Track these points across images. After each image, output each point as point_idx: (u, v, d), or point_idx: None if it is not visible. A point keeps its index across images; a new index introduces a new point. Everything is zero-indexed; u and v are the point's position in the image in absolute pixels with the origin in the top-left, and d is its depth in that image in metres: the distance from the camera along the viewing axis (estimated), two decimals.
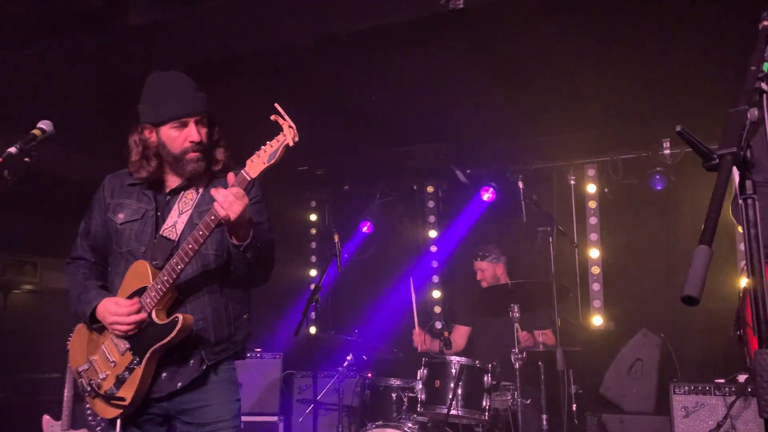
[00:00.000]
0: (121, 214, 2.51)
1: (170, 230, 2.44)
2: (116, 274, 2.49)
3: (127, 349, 2.37)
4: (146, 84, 2.48)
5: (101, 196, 2.60)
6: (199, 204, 2.47)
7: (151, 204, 2.50)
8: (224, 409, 2.42)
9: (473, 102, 4.98)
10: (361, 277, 6.52)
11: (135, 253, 2.45)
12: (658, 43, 4.07)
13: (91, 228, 2.59)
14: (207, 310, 2.42)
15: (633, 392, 5.04)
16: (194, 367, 2.39)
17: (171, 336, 2.29)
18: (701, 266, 1.04)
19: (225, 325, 2.46)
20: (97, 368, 2.44)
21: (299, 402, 5.66)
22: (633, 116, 5.20)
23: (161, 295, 2.32)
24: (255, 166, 2.24)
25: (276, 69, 4.29)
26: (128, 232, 2.48)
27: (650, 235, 5.66)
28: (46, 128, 2.38)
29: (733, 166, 1.18)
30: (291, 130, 2.22)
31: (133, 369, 2.34)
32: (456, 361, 4.18)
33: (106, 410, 2.41)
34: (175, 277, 2.31)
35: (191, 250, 2.28)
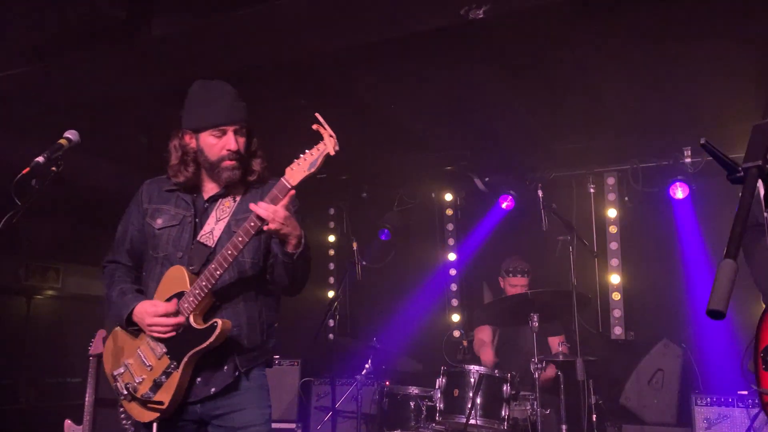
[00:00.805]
0: (160, 219, 2.53)
1: (207, 237, 2.46)
2: (151, 279, 2.51)
3: (164, 354, 2.38)
4: (190, 91, 2.52)
5: (139, 200, 2.62)
6: (236, 212, 2.49)
7: (190, 210, 2.52)
8: (256, 414, 2.44)
9: (492, 110, 4.98)
10: (380, 284, 6.52)
11: (172, 258, 2.47)
12: (679, 52, 4.04)
13: (128, 232, 2.61)
14: (242, 317, 2.45)
15: (654, 403, 4.98)
16: (228, 373, 2.42)
17: (210, 341, 2.30)
18: (727, 280, 1.03)
19: (258, 332, 2.49)
20: (132, 372, 2.45)
21: (317, 409, 5.67)
22: (654, 125, 5.16)
23: (199, 300, 2.34)
24: (295, 174, 2.27)
25: (298, 78, 4.32)
26: (166, 237, 2.50)
27: (670, 244, 5.60)
28: (73, 138, 2.43)
29: (759, 179, 1.17)
30: (332, 140, 2.24)
31: (171, 373, 2.36)
32: (475, 370, 4.17)
33: (142, 414, 2.43)
34: (213, 282, 2.33)
35: (230, 256, 2.30)
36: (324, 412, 5.41)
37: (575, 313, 4.25)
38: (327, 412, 5.24)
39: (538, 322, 4.16)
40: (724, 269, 1.05)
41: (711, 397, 4.36)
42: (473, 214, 6.48)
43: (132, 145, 5.22)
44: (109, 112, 4.49)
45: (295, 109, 4.65)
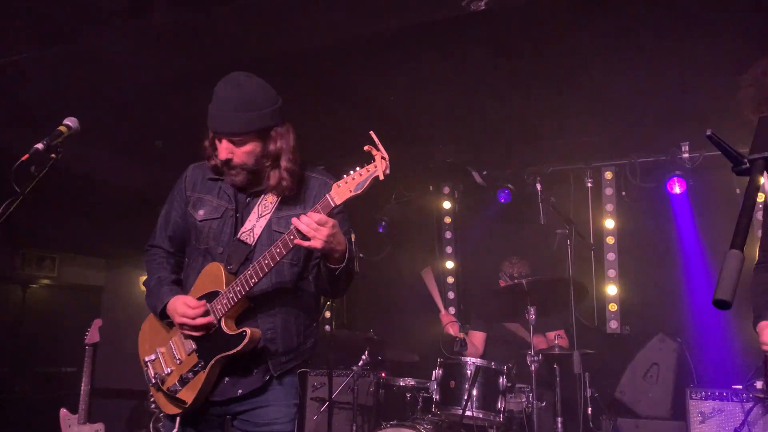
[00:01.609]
0: (202, 211, 2.48)
1: (248, 234, 2.41)
2: (192, 269, 2.48)
3: (194, 351, 2.37)
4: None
5: (182, 187, 2.57)
6: (278, 209, 2.43)
7: (231, 203, 2.47)
8: (282, 411, 2.41)
9: (491, 103, 4.97)
10: (377, 276, 6.52)
11: (212, 252, 2.44)
12: (678, 46, 4.05)
13: (171, 218, 2.57)
14: (277, 321, 2.40)
15: (649, 397, 5.01)
16: (257, 377, 2.39)
17: (237, 349, 2.28)
18: (733, 270, 1.04)
19: (294, 335, 2.44)
20: (163, 362, 2.45)
21: (313, 400, 5.67)
22: (652, 119, 5.17)
23: (233, 304, 2.31)
24: (341, 192, 2.18)
25: (295, 71, 4.30)
26: (207, 229, 2.46)
27: (667, 239, 5.62)
28: (72, 125, 2.42)
29: (765, 170, 1.18)
30: (383, 162, 2.15)
31: (197, 372, 2.35)
32: (471, 362, 4.19)
33: (167, 406, 2.44)
34: (248, 289, 2.28)
35: (267, 266, 2.24)
36: (320, 404, 5.42)
37: (572, 305, 4.26)
38: (323, 404, 5.25)
39: (535, 315, 4.17)
40: (730, 260, 1.05)
41: (705, 391, 4.39)
42: (471, 208, 6.49)
43: (130, 135, 5.20)
44: (110, 101, 4.47)
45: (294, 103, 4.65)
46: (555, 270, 5.15)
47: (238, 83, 2.35)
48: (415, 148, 5.95)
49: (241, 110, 2.31)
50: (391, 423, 4.13)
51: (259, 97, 2.35)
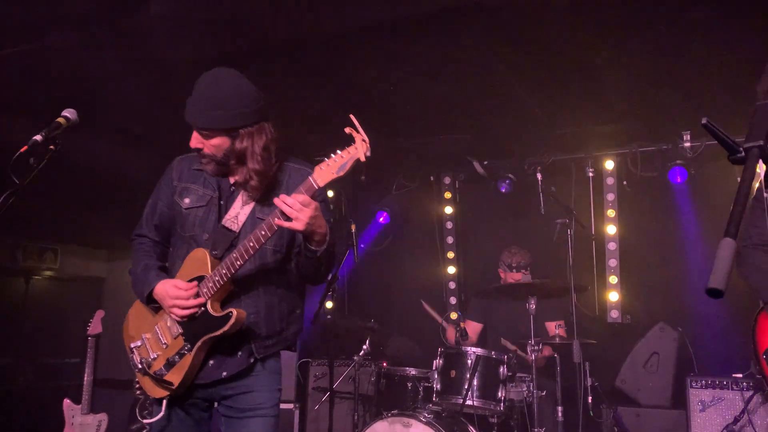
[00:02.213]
0: (187, 199, 2.53)
1: (232, 221, 2.46)
2: (178, 257, 2.53)
3: (180, 334, 2.42)
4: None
5: (169, 177, 2.62)
6: (262, 198, 2.47)
7: (216, 191, 2.52)
8: (265, 396, 2.45)
9: (492, 93, 4.96)
10: (378, 267, 6.54)
11: (198, 239, 2.48)
12: (679, 35, 4.02)
13: (158, 208, 2.62)
14: (261, 305, 2.45)
15: (649, 386, 5.02)
16: (242, 359, 2.43)
17: (223, 329, 2.32)
18: (726, 258, 1.04)
19: (277, 320, 2.49)
20: (149, 347, 2.50)
21: (315, 390, 5.70)
22: (653, 109, 5.15)
23: (218, 287, 2.35)
24: (324, 174, 2.22)
25: (296, 59, 4.29)
26: (192, 217, 2.51)
27: (669, 228, 5.62)
28: (71, 116, 2.42)
29: (760, 159, 1.17)
30: (364, 144, 2.19)
31: (184, 354, 2.39)
32: (472, 351, 4.20)
33: (154, 389, 2.47)
34: (233, 271, 2.33)
35: (252, 249, 2.29)
36: (322, 393, 5.45)
37: (573, 297, 4.27)
38: (324, 393, 5.28)
39: (535, 305, 4.18)
40: (723, 248, 1.05)
41: (706, 379, 4.39)
42: (472, 198, 6.49)
43: (133, 125, 5.20)
44: (108, 92, 4.46)
45: (290, 92, 4.64)
46: (556, 260, 5.16)
47: (216, 79, 2.40)
48: (415, 138, 5.94)
49: (210, 107, 2.36)
50: (392, 412, 4.15)
51: (232, 97, 2.37)
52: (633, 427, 4.79)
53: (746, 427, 4.12)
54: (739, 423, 4.13)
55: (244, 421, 2.43)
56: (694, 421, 4.34)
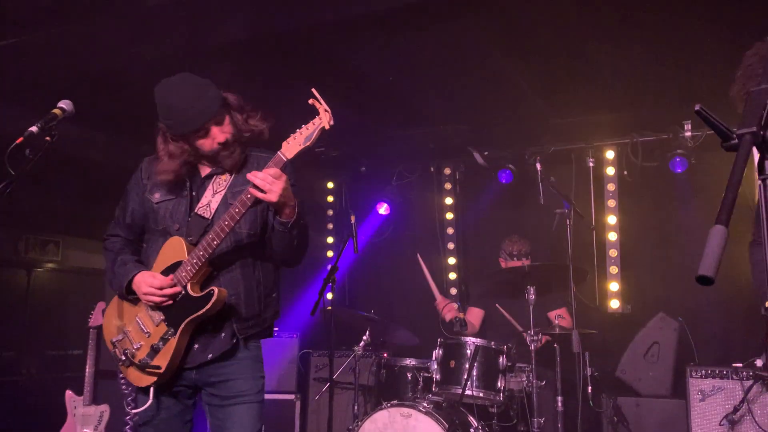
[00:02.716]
0: (157, 194, 2.58)
1: (204, 209, 2.52)
2: (153, 251, 2.57)
3: (162, 321, 2.45)
4: (156, 98, 2.47)
5: (139, 176, 2.68)
6: (232, 185, 2.54)
7: (186, 184, 2.57)
8: (249, 384, 2.51)
9: (492, 83, 4.94)
10: (378, 258, 6.54)
11: (170, 230, 2.53)
12: (680, 24, 4.00)
13: (129, 207, 2.67)
14: (239, 286, 2.50)
15: (649, 375, 5.02)
16: (225, 339, 2.48)
17: (206, 308, 2.36)
18: (717, 246, 1.03)
19: (255, 302, 2.54)
20: (131, 338, 2.53)
21: (315, 381, 5.73)
22: (654, 98, 5.12)
23: (196, 269, 2.40)
24: (291, 147, 2.34)
25: (295, 49, 4.28)
26: (163, 210, 2.56)
27: (669, 218, 5.61)
28: (67, 108, 2.42)
29: (753, 146, 1.17)
30: (327, 114, 2.31)
31: (168, 339, 2.43)
32: (471, 341, 4.20)
33: (140, 378, 2.49)
34: (210, 252, 2.38)
35: (227, 227, 2.36)
36: (322, 384, 5.46)
37: (572, 286, 4.27)
38: (325, 384, 5.29)
39: (535, 294, 4.18)
40: (714, 235, 1.05)
41: (705, 369, 4.39)
42: (472, 188, 6.48)
43: (131, 118, 5.18)
44: (106, 83, 4.45)
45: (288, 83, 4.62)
46: (555, 250, 5.15)
47: (179, 79, 2.47)
48: (415, 128, 5.93)
49: (202, 92, 2.44)
50: (392, 403, 4.16)
51: (196, 80, 2.48)
52: (633, 417, 4.79)
53: (746, 416, 4.12)
54: (738, 412, 4.14)
55: (228, 408, 2.47)
56: (694, 411, 4.34)
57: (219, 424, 2.49)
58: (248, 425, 2.47)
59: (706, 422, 4.28)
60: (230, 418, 2.46)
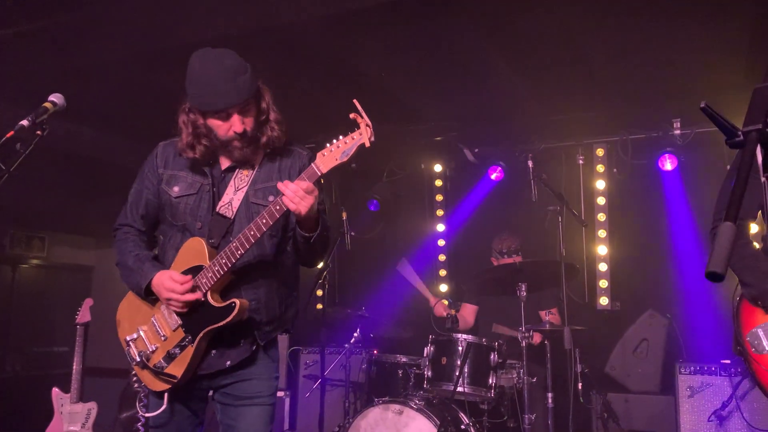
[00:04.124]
0: (176, 187, 2.46)
1: (226, 207, 2.41)
2: (170, 246, 2.46)
3: (179, 326, 2.37)
4: (189, 64, 2.35)
5: (154, 164, 2.53)
6: (254, 181, 2.44)
7: (207, 179, 2.45)
8: (264, 385, 2.43)
9: (483, 80, 4.94)
10: (369, 254, 6.52)
11: (191, 228, 2.42)
12: (670, 22, 4.01)
13: (143, 196, 2.54)
14: (260, 292, 2.41)
15: (638, 372, 5.06)
16: (245, 347, 2.40)
17: (227, 320, 2.28)
18: (726, 242, 1.03)
19: (276, 306, 2.46)
20: (146, 339, 2.44)
21: (306, 378, 5.71)
22: (643, 96, 5.15)
23: (218, 277, 2.30)
24: (326, 161, 2.20)
25: (286, 44, 4.25)
26: (183, 206, 2.44)
27: (659, 215, 5.64)
28: (58, 101, 2.38)
29: (759, 143, 1.16)
30: (368, 129, 2.18)
31: (185, 347, 2.35)
32: (462, 338, 4.21)
33: (154, 383, 2.42)
34: (234, 261, 2.28)
35: (253, 237, 2.25)
36: (313, 381, 5.45)
37: (563, 283, 4.28)
38: (315, 381, 5.28)
39: (526, 291, 4.18)
40: (724, 232, 1.04)
41: (694, 365, 4.43)
42: (463, 185, 6.48)
43: (120, 112, 5.13)
44: (95, 77, 4.40)
45: (279, 77, 4.59)
46: (546, 247, 5.17)
47: (215, 55, 2.34)
48: (406, 125, 5.91)
49: (238, 75, 2.31)
50: (383, 399, 4.15)
51: (237, 60, 2.36)
52: (622, 413, 4.82)
53: (734, 412, 4.16)
54: (727, 408, 4.18)
55: (242, 409, 2.40)
56: (683, 407, 4.38)
57: (230, 423, 2.41)
58: (260, 429, 2.39)
59: (695, 418, 4.32)
60: (242, 419, 2.39)
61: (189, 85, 2.36)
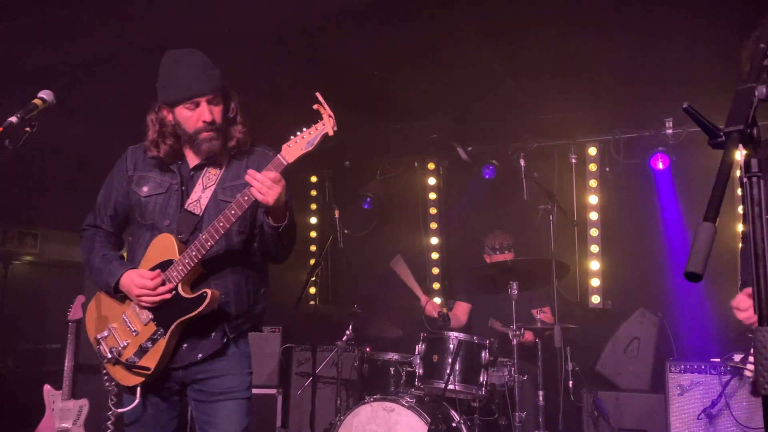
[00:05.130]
0: (146, 187, 2.51)
1: (195, 205, 2.46)
2: (139, 245, 2.50)
3: (151, 320, 2.40)
4: (161, 63, 2.46)
5: (124, 167, 2.59)
6: (222, 180, 2.50)
7: (176, 178, 2.51)
8: (237, 380, 2.47)
9: (476, 79, 4.94)
10: (361, 252, 6.53)
11: (159, 226, 2.46)
12: (662, 21, 4.03)
13: (112, 198, 2.59)
14: (229, 285, 2.46)
15: (629, 370, 5.08)
16: (216, 339, 2.44)
17: (199, 310, 2.32)
18: (705, 243, 1.04)
19: (245, 300, 2.50)
20: (117, 336, 2.46)
21: (298, 375, 5.71)
22: (635, 95, 5.17)
23: (189, 269, 2.34)
24: (292, 151, 2.28)
25: (279, 43, 4.25)
26: (152, 205, 2.49)
27: (650, 215, 5.66)
28: (47, 98, 2.37)
29: (740, 143, 1.17)
30: (330, 120, 2.26)
31: (157, 340, 2.38)
32: (454, 336, 4.21)
33: (127, 378, 2.44)
34: (204, 252, 2.33)
35: (222, 228, 2.31)
36: (304, 378, 5.45)
37: (554, 281, 4.29)
38: (307, 378, 5.28)
39: (518, 290, 4.19)
40: (703, 232, 1.05)
41: (684, 364, 4.45)
42: (456, 183, 6.49)
43: (111, 108, 5.12)
44: (87, 74, 4.39)
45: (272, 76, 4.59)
46: (538, 246, 5.18)
47: (185, 52, 2.46)
48: (399, 123, 5.92)
49: (210, 68, 2.44)
50: (374, 397, 4.16)
51: (207, 58, 2.47)
52: (613, 411, 4.84)
53: (724, 410, 4.19)
54: (716, 406, 4.20)
55: (216, 404, 2.43)
56: (673, 405, 4.40)
57: (206, 420, 2.44)
58: (236, 422, 2.42)
59: (685, 416, 4.34)
60: (218, 414, 2.42)
61: (160, 81, 2.46)
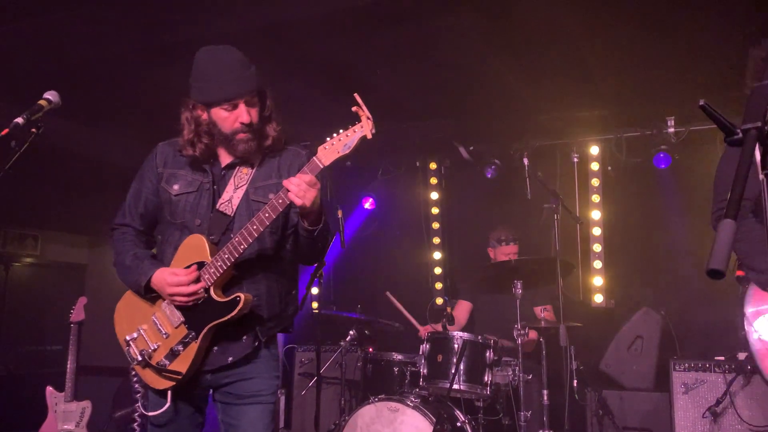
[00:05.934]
0: (176, 185, 2.46)
1: (226, 205, 2.42)
2: (168, 245, 2.46)
3: (182, 323, 2.36)
4: (195, 60, 2.40)
5: (153, 164, 2.54)
6: (254, 179, 2.45)
7: (207, 177, 2.46)
8: (266, 383, 2.43)
9: (478, 78, 4.94)
10: (364, 252, 6.52)
11: (190, 225, 2.42)
12: (664, 20, 4.02)
13: (142, 195, 2.54)
14: (261, 288, 2.42)
15: (633, 369, 5.07)
16: (247, 343, 2.40)
17: (232, 314, 2.27)
18: (726, 240, 1.03)
19: (277, 302, 2.47)
20: (147, 338, 2.42)
21: (301, 376, 5.70)
22: (638, 94, 5.16)
23: (221, 272, 2.30)
24: (328, 153, 2.23)
25: (280, 43, 4.24)
26: (183, 203, 2.44)
27: (653, 214, 5.66)
28: (53, 99, 2.37)
29: (758, 141, 1.17)
30: (369, 122, 2.21)
31: (189, 343, 2.34)
32: (458, 336, 4.21)
33: (157, 381, 2.41)
34: (237, 255, 2.28)
35: (255, 231, 2.26)
36: (308, 379, 5.44)
37: (559, 280, 4.29)
38: (311, 379, 5.27)
39: (522, 289, 4.19)
40: (724, 229, 1.05)
41: (688, 362, 4.44)
42: (458, 183, 6.48)
43: (115, 109, 5.11)
44: (90, 74, 4.38)
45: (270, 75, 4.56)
46: (541, 245, 5.18)
47: (224, 49, 2.40)
48: (401, 123, 5.91)
49: (246, 67, 2.39)
50: (378, 397, 4.15)
51: (243, 56, 2.41)
52: (617, 410, 4.83)
53: (728, 408, 4.18)
54: (721, 405, 4.19)
55: (243, 407, 2.39)
56: (677, 404, 4.39)
57: (231, 423, 2.40)
58: (261, 428, 2.38)
59: (689, 415, 4.33)
60: (244, 418, 2.38)
61: (195, 79, 2.39)
